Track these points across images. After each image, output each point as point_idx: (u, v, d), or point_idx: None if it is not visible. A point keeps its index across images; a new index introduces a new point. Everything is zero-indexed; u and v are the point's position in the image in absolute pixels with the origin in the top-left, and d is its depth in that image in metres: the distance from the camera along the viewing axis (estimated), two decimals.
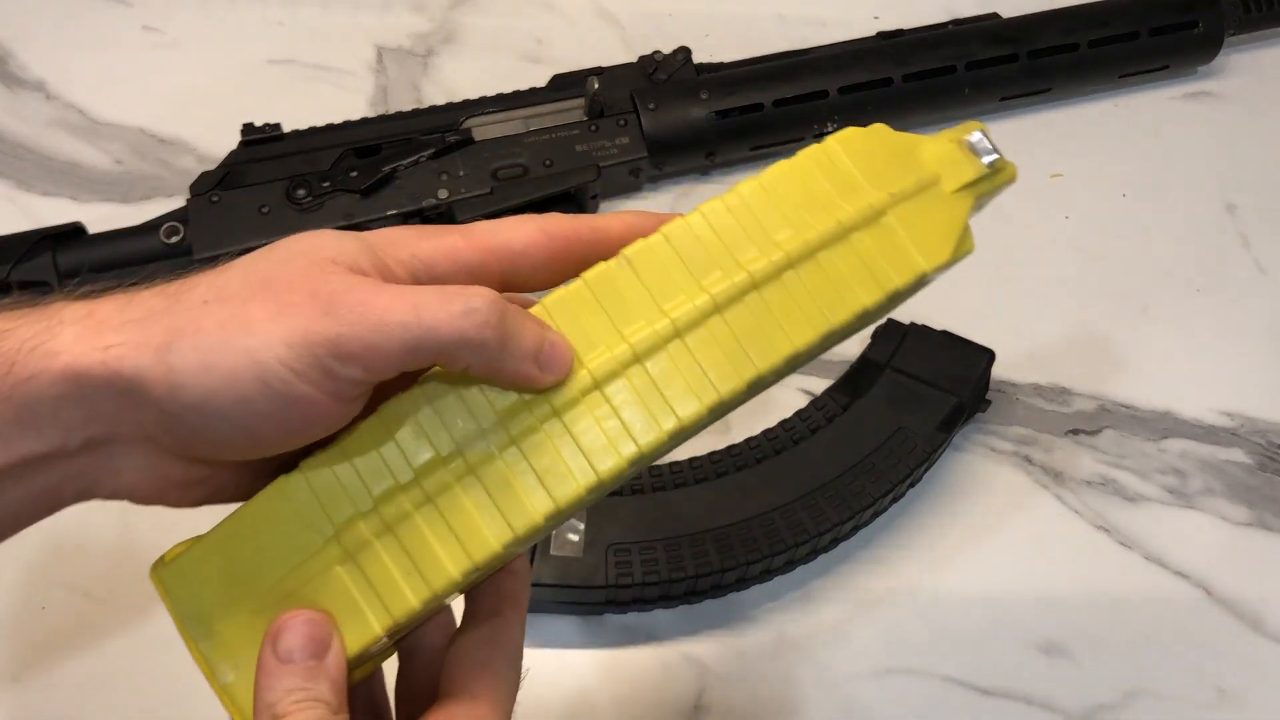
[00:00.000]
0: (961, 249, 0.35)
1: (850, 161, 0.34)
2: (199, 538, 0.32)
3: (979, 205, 0.36)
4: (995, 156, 0.37)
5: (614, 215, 0.33)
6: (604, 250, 0.32)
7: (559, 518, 0.31)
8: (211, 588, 0.31)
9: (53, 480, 0.29)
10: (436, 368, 0.31)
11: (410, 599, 0.30)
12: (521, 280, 0.33)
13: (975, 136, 0.36)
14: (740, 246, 0.32)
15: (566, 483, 0.30)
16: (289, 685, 0.29)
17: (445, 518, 0.31)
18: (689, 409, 0.31)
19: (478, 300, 0.28)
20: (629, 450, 0.31)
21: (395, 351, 0.28)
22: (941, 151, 0.35)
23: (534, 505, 0.30)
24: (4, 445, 0.28)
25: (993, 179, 0.36)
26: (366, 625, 0.31)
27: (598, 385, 0.31)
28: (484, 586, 0.33)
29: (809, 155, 0.34)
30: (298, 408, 0.28)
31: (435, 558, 0.30)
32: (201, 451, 0.30)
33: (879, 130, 0.35)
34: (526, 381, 0.30)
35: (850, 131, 0.34)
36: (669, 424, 0.31)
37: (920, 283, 0.34)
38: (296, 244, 0.30)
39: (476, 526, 0.30)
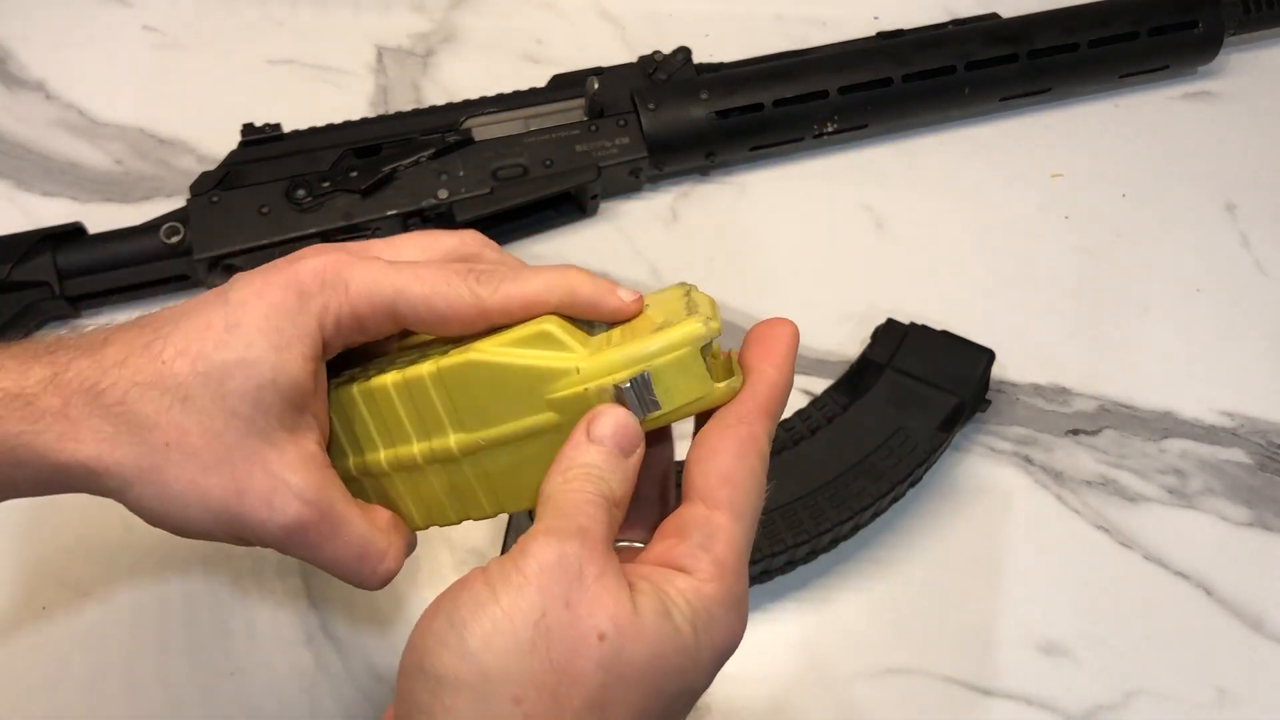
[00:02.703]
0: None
1: (444, 395, 0.35)
2: None
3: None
4: (656, 411, 0.33)
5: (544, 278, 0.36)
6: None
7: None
8: None
9: None
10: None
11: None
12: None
13: (634, 381, 0.33)
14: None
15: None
16: (589, 460, 0.32)
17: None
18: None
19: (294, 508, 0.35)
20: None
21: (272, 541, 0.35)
22: (574, 400, 0.33)
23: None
24: None
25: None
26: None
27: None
28: (740, 396, 0.34)
29: (416, 376, 0.35)
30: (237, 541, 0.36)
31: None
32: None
33: (488, 366, 0.34)
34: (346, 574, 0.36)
35: (456, 364, 0.34)
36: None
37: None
38: (242, 366, 0.34)
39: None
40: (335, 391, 0.37)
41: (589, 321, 0.36)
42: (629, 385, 0.33)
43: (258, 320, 0.34)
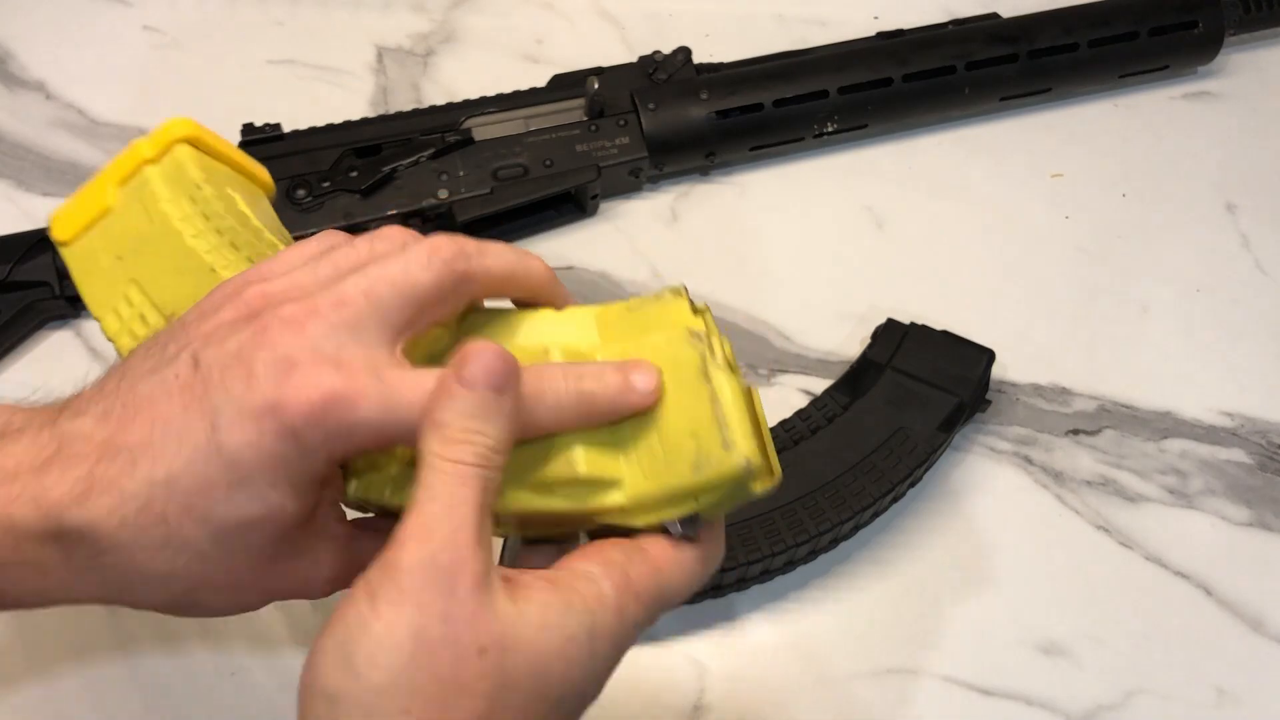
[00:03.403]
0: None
1: None
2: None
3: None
4: (700, 525, 0.34)
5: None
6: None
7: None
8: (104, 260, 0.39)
9: None
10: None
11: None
12: None
13: (684, 520, 0.33)
14: None
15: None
16: (464, 409, 0.30)
17: None
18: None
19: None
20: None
21: None
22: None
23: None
24: None
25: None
26: None
27: None
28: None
29: None
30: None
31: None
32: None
33: (536, 513, 0.34)
34: None
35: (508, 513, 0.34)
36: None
37: None
38: (259, 526, 0.32)
39: None
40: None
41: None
42: (677, 522, 0.33)
43: (264, 474, 0.31)
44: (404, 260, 0.33)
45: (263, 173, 0.44)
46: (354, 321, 0.32)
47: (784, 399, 0.59)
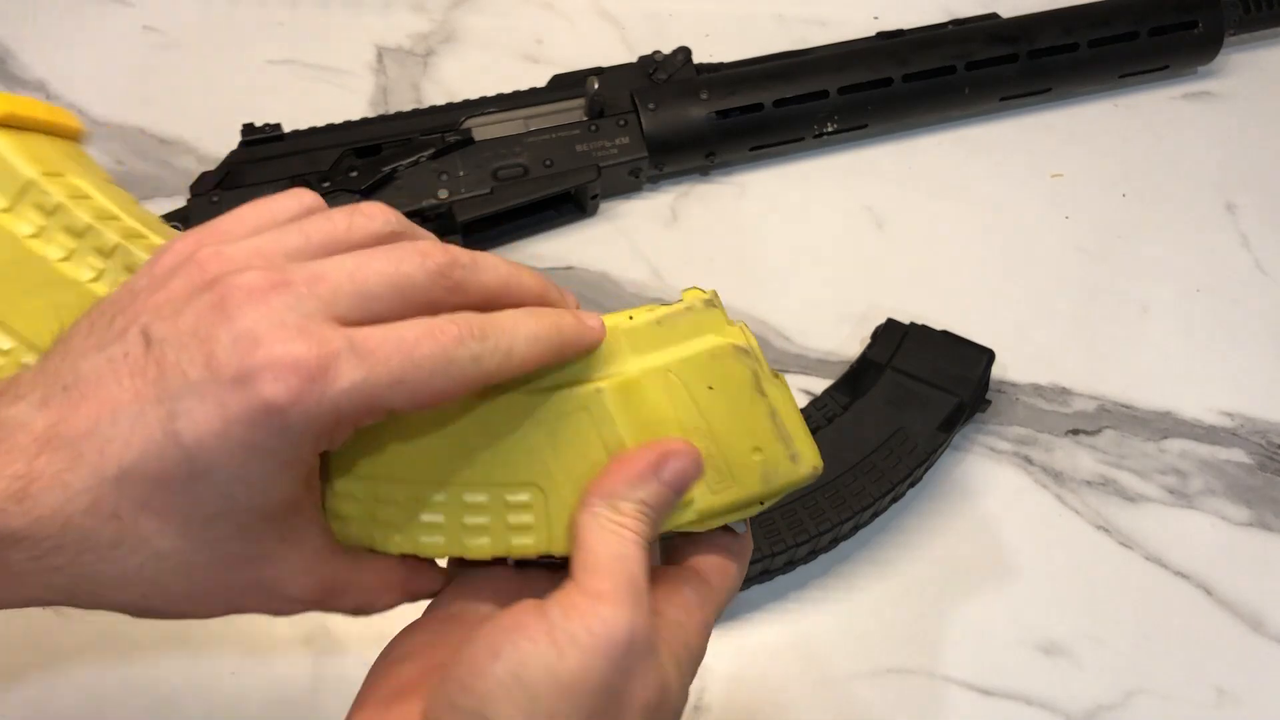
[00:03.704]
0: None
1: None
2: None
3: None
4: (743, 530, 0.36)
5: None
6: None
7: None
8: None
9: None
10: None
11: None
12: None
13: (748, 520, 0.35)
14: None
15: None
16: (642, 496, 0.32)
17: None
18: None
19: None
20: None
21: None
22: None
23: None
24: None
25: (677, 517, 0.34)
26: None
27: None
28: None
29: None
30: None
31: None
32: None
33: None
34: None
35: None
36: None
37: None
38: (224, 518, 0.29)
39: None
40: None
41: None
42: (742, 521, 0.34)
43: (230, 464, 0.28)
44: (395, 254, 0.30)
45: (69, 119, 0.36)
46: (328, 297, 0.28)
47: None
